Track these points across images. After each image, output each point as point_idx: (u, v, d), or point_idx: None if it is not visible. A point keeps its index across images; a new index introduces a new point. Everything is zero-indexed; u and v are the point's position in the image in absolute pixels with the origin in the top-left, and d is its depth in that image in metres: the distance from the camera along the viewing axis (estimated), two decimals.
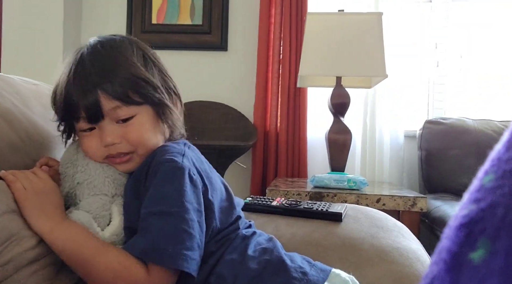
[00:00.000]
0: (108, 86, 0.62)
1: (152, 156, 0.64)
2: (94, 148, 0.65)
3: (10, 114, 0.72)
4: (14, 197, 0.60)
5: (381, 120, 2.06)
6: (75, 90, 0.63)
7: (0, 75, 0.79)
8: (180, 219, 0.56)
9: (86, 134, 0.66)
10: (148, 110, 0.66)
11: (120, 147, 0.64)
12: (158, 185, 0.59)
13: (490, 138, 1.90)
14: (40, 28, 2.13)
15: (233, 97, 2.23)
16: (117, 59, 0.64)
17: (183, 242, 0.55)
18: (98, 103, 0.62)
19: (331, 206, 0.84)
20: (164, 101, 0.67)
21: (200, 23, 2.27)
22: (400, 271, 0.67)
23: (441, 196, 1.83)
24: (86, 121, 0.64)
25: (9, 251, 0.55)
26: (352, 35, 1.60)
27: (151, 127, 0.66)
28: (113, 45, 0.67)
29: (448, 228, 0.16)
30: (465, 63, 2.20)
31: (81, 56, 0.66)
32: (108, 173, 0.67)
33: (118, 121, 0.64)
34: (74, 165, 0.68)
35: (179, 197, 0.57)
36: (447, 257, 0.15)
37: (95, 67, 0.63)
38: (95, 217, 0.64)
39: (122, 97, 0.63)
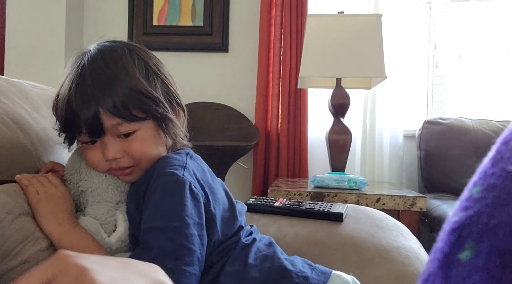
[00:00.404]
0: (109, 102, 0.61)
1: (153, 168, 0.64)
2: (96, 161, 0.65)
3: (21, 118, 0.75)
4: (28, 200, 0.62)
5: (381, 120, 2.08)
6: (76, 106, 0.62)
7: (10, 81, 0.81)
8: (180, 234, 0.56)
9: (88, 147, 0.66)
10: (150, 125, 0.65)
11: (122, 161, 0.65)
12: (158, 199, 0.59)
13: (489, 138, 1.92)
14: (42, 30, 2.15)
15: (235, 98, 2.25)
16: (118, 74, 0.63)
17: (183, 258, 0.55)
18: (99, 120, 0.61)
19: (333, 206, 0.87)
20: (167, 115, 0.66)
21: (201, 24, 2.28)
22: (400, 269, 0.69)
23: (440, 195, 1.86)
24: (87, 136, 0.64)
25: (26, 251, 0.58)
26: (352, 37, 1.62)
27: (153, 141, 0.66)
28: (114, 56, 0.65)
29: (442, 232, 0.19)
30: (464, 63, 2.22)
31: (82, 69, 0.64)
32: (111, 181, 0.68)
33: (119, 135, 0.64)
34: (78, 172, 0.69)
35: (180, 211, 0.57)
36: (440, 256, 0.17)
37: (96, 83, 0.62)
38: (102, 223, 0.65)
39: (123, 114, 0.62)
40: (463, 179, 1.88)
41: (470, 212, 0.17)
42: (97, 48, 0.67)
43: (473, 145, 1.91)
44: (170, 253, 0.55)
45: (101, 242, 0.63)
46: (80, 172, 0.68)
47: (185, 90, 2.44)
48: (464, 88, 2.22)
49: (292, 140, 2.11)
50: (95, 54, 0.66)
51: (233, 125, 2.16)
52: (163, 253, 0.55)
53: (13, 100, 0.77)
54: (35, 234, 0.60)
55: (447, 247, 0.17)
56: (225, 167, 1.93)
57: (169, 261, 0.54)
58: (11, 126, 0.72)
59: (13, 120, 0.73)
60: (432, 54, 2.24)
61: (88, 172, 0.68)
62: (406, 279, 0.68)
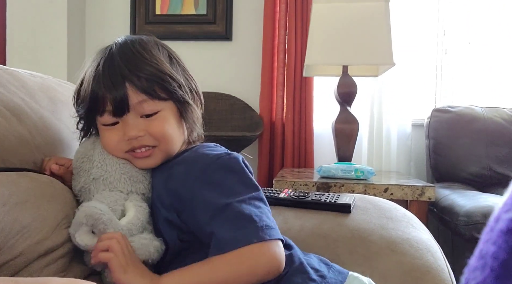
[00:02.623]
0: (136, 79, 0.63)
1: (191, 161, 0.65)
2: (116, 141, 0.66)
3: (18, 108, 0.72)
4: (111, 267, 0.56)
5: (389, 109, 2.04)
6: (104, 82, 0.64)
7: (6, 69, 0.79)
8: (262, 200, 0.61)
9: (108, 129, 0.66)
10: (172, 107, 0.67)
11: (143, 139, 0.65)
12: (226, 178, 0.61)
13: (499, 126, 1.88)
14: (44, 18, 2.13)
15: (239, 87, 2.22)
16: (145, 56, 0.66)
17: (270, 218, 0.59)
18: (126, 96, 0.63)
19: (340, 197, 0.84)
20: (187, 100, 0.68)
21: (205, 13, 2.24)
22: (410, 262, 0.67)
23: (449, 185, 1.82)
24: (111, 115, 0.65)
25: (20, 244, 0.56)
26: (359, 23, 1.58)
27: (174, 124, 0.68)
28: (141, 43, 0.68)
29: (489, 230, 0.15)
30: (474, 50, 2.17)
31: (110, 51, 0.67)
32: (124, 169, 0.67)
33: (142, 116, 0.65)
34: (90, 160, 0.67)
35: (251, 181, 0.62)
36: (494, 264, 0.14)
37: (124, 61, 0.65)
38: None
39: (149, 91, 0.64)
40: (472, 168, 1.85)
41: None
42: (124, 38, 0.71)
43: (483, 133, 1.87)
44: (264, 217, 0.58)
45: (110, 224, 0.59)
46: (93, 159, 0.67)
47: None
48: (474, 76, 2.17)
49: (298, 130, 2.08)
50: (124, 40, 0.69)
51: (237, 115, 2.14)
52: (259, 218, 0.57)
53: (9, 89, 0.74)
54: (32, 225, 0.58)
55: (503, 252, 0.14)
56: None
57: (269, 221, 0.58)
58: (6, 116, 0.70)
59: (9, 110, 0.71)
60: (441, 41, 2.18)
61: (101, 160, 0.67)
62: (416, 272, 0.65)
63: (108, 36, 2.29)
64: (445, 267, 0.69)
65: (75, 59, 2.20)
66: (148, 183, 0.69)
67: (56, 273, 0.59)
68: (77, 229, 0.59)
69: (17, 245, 0.55)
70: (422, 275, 0.65)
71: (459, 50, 2.17)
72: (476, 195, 1.59)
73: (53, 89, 0.86)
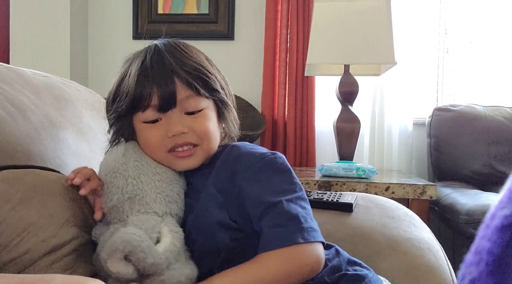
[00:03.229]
0: (184, 74, 0.63)
1: (233, 158, 0.65)
2: (159, 138, 0.64)
3: (24, 105, 0.73)
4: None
5: (390, 108, 2.04)
6: (153, 76, 0.63)
7: (10, 68, 0.79)
8: (306, 200, 0.61)
9: (150, 126, 0.65)
10: (213, 107, 0.68)
11: (187, 136, 0.64)
12: (273, 177, 0.61)
13: (500, 125, 1.88)
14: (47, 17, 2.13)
15: (241, 86, 2.22)
16: (190, 54, 0.67)
17: (313, 219, 0.60)
18: (174, 90, 0.63)
19: (342, 196, 0.84)
20: (227, 100, 0.69)
21: (207, 12, 2.25)
22: (412, 261, 0.67)
23: (450, 183, 1.82)
24: (156, 110, 0.64)
25: (26, 241, 0.56)
26: (361, 22, 1.58)
27: (216, 123, 0.68)
28: (183, 43, 0.69)
29: (485, 227, 0.16)
30: (476, 49, 2.17)
31: (155, 47, 0.67)
32: (160, 188, 0.63)
33: (186, 113, 0.65)
34: (124, 175, 0.63)
35: (296, 181, 0.62)
36: (489, 259, 0.15)
37: (172, 57, 0.65)
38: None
39: (195, 86, 0.64)
40: (474, 167, 1.85)
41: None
42: (168, 39, 0.70)
43: (485, 131, 1.87)
44: (309, 219, 0.58)
45: (149, 252, 0.55)
46: (126, 175, 0.62)
47: None
48: (475, 75, 2.17)
49: (299, 128, 2.08)
50: (165, 40, 0.69)
51: (240, 114, 2.13)
52: (305, 219, 0.57)
53: (14, 87, 0.75)
54: (38, 222, 0.58)
55: (498, 247, 0.14)
56: None
57: (313, 223, 0.58)
58: (12, 113, 0.70)
59: (15, 107, 0.71)
60: (443, 40, 2.18)
61: (136, 176, 0.63)
62: (418, 271, 0.66)
63: (111, 35, 2.30)
64: (446, 266, 0.70)
65: (78, 58, 2.21)
66: (181, 202, 0.66)
67: (62, 270, 0.59)
68: (111, 255, 0.55)
69: (23, 243, 0.56)
70: (423, 274, 0.66)
71: (461, 49, 2.17)
72: (478, 194, 1.59)
73: (57, 87, 0.86)
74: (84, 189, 0.63)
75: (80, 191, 0.62)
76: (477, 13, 2.15)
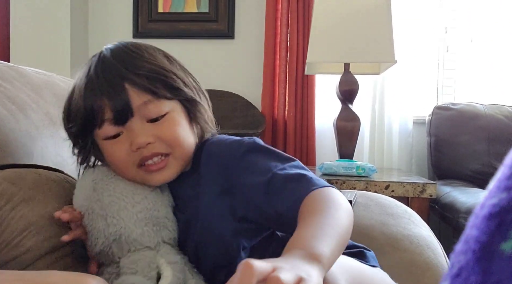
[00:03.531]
0: (136, 78, 0.57)
1: (216, 156, 0.60)
2: (124, 154, 0.57)
3: (24, 103, 0.73)
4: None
5: (390, 106, 2.05)
6: (100, 87, 0.56)
7: (11, 66, 0.80)
8: (304, 168, 0.58)
9: (112, 142, 0.58)
10: (179, 108, 0.61)
11: (155, 146, 0.58)
12: (255, 160, 0.58)
13: (501, 123, 1.88)
14: (47, 16, 2.13)
15: (241, 85, 2.23)
16: (141, 54, 0.60)
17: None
18: (127, 98, 0.56)
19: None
20: (195, 98, 0.62)
21: (207, 11, 2.25)
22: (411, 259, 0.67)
23: (450, 182, 1.83)
24: (113, 124, 0.57)
25: (27, 240, 0.56)
26: (361, 21, 1.58)
27: (185, 126, 0.61)
28: (134, 44, 0.62)
29: (474, 217, 0.16)
30: (476, 47, 2.17)
31: (100, 55, 0.60)
32: (144, 220, 0.57)
33: (148, 120, 0.58)
34: (102, 216, 0.57)
35: (278, 154, 0.59)
36: (476, 247, 0.15)
37: (119, 61, 0.58)
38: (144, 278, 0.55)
39: (152, 89, 0.57)
40: (474, 165, 1.85)
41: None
42: (115, 43, 0.63)
43: (485, 130, 1.87)
44: (312, 174, 0.55)
45: None
46: (104, 215, 0.57)
47: None
48: (476, 73, 2.17)
49: (300, 127, 2.09)
50: (114, 44, 0.62)
51: (239, 113, 2.14)
52: (308, 172, 0.55)
53: (15, 85, 0.75)
54: (39, 222, 0.58)
55: (485, 235, 0.15)
56: None
57: (318, 179, 0.54)
58: (13, 111, 0.70)
59: (16, 105, 0.72)
60: (443, 38, 2.18)
61: (115, 213, 0.57)
62: (417, 268, 0.66)
63: (111, 34, 2.31)
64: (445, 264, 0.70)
65: (78, 57, 2.21)
66: (172, 223, 0.61)
67: (62, 270, 0.59)
68: None
69: (24, 242, 0.55)
70: (422, 271, 0.66)
71: (461, 47, 2.17)
72: (478, 192, 1.59)
73: (58, 86, 0.87)
74: (68, 235, 0.58)
75: (63, 237, 0.58)
76: (477, 12, 2.15)
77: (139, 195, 0.59)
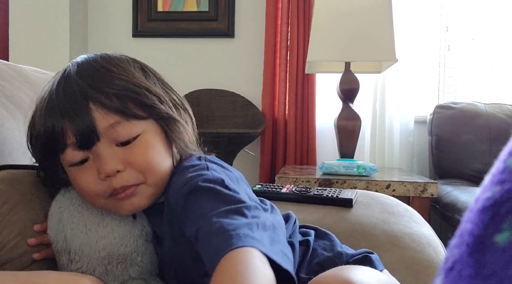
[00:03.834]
0: (102, 97, 0.50)
1: (172, 191, 0.53)
2: (92, 183, 0.51)
3: (23, 102, 0.73)
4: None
5: (391, 105, 2.04)
6: (60, 108, 0.50)
7: (9, 65, 0.79)
8: (244, 214, 0.47)
9: (78, 169, 0.52)
10: (154, 128, 0.54)
11: (124, 176, 0.51)
12: (197, 203, 0.49)
13: (502, 122, 1.87)
14: (46, 16, 2.13)
15: (241, 84, 2.22)
16: (111, 69, 0.53)
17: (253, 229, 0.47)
18: (91, 120, 0.50)
19: (342, 192, 0.84)
20: (172, 115, 0.55)
21: (207, 9, 2.24)
22: (412, 256, 0.67)
23: (452, 181, 1.82)
24: (77, 149, 0.51)
25: (23, 243, 0.55)
26: (361, 20, 1.58)
27: (160, 148, 0.54)
28: (105, 57, 0.56)
29: (469, 211, 0.16)
30: (477, 46, 2.16)
31: (65, 71, 0.54)
32: (108, 258, 0.52)
33: (117, 144, 0.52)
34: (65, 250, 0.53)
35: (221, 193, 0.49)
36: (469, 240, 0.15)
37: (84, 79, 0.52)
38: None
39: (121, 109, 0.51)
40: (475, 165, 1.84)
41: (508, 186, 0.14)
42: (84, 55, 0.57)
43: (486, 129, 1.86)
44: (244, 228, 0.45)
45: None
46: (68, 249, 0.53)
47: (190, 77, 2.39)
48: (477, 72, 2.16)
49: (300, 126, 2.08)
50: (82, 58, 0.56)
51: (240, 112, 2.14)
52: (234, 227, 0.44)
53: (13, 84, 0.75)
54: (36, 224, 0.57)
55: (478, 228, 0.15)
56: (231, 154, 1.91)
57: (250, 232, 0.44)
58: (12, 110, 0.70)
59: (14, 104, 0.71)
60: (444, 37, 2.17)
61: (78, 249, 0.52)
62: (418, 266, 0.66)
63: (110, 33, 2.31)
64: None
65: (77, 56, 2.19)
66: (143, 255, 0.56)
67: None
68: None
69: (20, 245, 0.55)
70: (423, 268, 0.66)
71: (462, 46, 2.16)
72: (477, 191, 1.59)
73: None
74: (39, 254, 0.56)
75: (34, 255, 0.55)
76: (479, 10, 2.14)
77: (105, 228, 0.54)
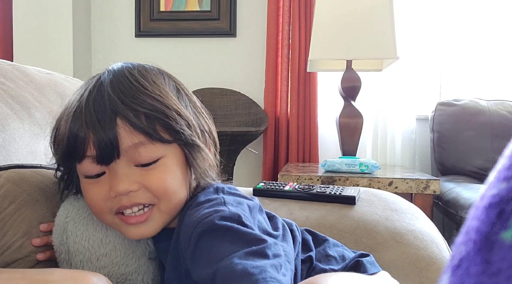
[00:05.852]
0: (132, 115, 0.48)
1: (183, 227, 0.49)
2: (100, 198, 0.50)
3: (28, 102, 0.74)
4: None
5: (393, 103, 2.04)
6: (86, 118, 0.48)
7: (14, 65, 0.80)
8: (267, 255, 0.44)
9: (92, 182, 0.50)
10: (176, 152, 0.52)
11: (137, 195, 0.49)
12: (211, 245, 0.44)
13: (504, 119, 1.87)
14: (49, 14, 2.14)
15: (243, 83, 2.23)
16: (146, 86, 0.51)
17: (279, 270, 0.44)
18: (115, 136, 0.47)
19: (344, 190, 0.84)
20: (197, 142, 0.52)
21: (209, 9, 2.25)
22: (415, 253, 0.67)
23: (454, 178, 1.82)
24: (95, 162, 0.48)
25: (29, 244, 0.55)
26: (363, 18, 1.58)
27: (178, 175, 0.51)
28: (141, 70, 0.53)
29: (475, 209, 0.16)
30: (478, 43, 2.16)
31: (99, 79, 0.52)
32: (107, 277, 0.49)
33: (137, 164, 0.49)
34: (67, 261, 0.53)
35: (244, 236, 0.44)
36: (476, 237, 0.15)
37: (116, 91, 0.49)
38: None
39: (148, 131, 0.48)
40: (477, 161, 1.84)
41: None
42: (122, 63, 0.55)
43: (488, 126, 1.86)
44: (270, 269, 0.42)
45: None
46: (70, 260, 0.53)
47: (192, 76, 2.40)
48: (478, 69, 2.16)
49: (302, 125, 2.09)
50: (119, 66, 0.54)
51: (242, 111, 2.14)
52: (260, 270, 0.41)
53: (18, 84, 0.76)
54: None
55: (485, 225, 0.15)
56: (234, 153, 1.92)
57: (276, 273, 0.42)
58: (17, 110, 0.71)
59: (19, 104, 0.72)
60: (446, 34, 2.17)
61: (79, 264, 0.52)
62: (421, 262, 0.66)
63: (113, 33, 2.31)
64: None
65: (81, 56, 2.21)
66: (144, 275, 0.54)
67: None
68: None
69: (26, 245, 0.55)
70: (426, 265, 0.66)
71: (464, 43, 2.16)
72: (481, 188, 1.59)
73: (61, 84, 0.87)
74: (44, 254, 0.55)
75: (37, 255, 0.54)
76: (480, 7, 2.14)
77: (107, 245, 0.53)
